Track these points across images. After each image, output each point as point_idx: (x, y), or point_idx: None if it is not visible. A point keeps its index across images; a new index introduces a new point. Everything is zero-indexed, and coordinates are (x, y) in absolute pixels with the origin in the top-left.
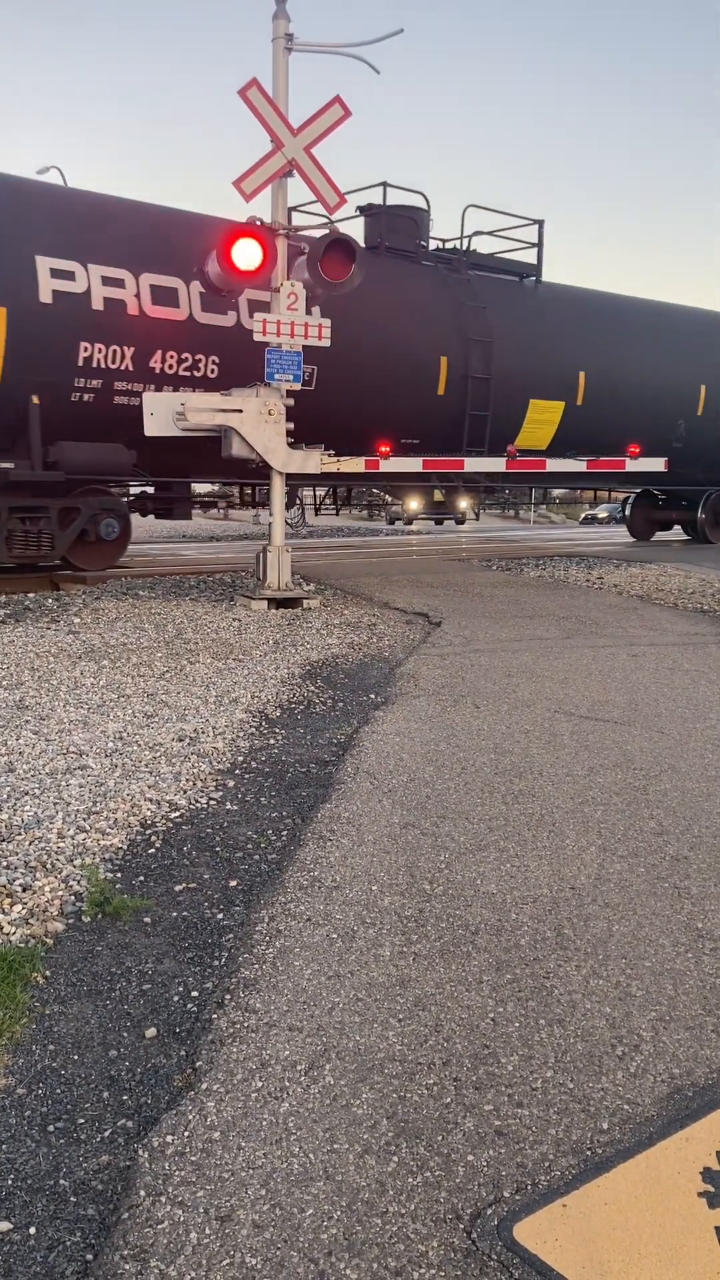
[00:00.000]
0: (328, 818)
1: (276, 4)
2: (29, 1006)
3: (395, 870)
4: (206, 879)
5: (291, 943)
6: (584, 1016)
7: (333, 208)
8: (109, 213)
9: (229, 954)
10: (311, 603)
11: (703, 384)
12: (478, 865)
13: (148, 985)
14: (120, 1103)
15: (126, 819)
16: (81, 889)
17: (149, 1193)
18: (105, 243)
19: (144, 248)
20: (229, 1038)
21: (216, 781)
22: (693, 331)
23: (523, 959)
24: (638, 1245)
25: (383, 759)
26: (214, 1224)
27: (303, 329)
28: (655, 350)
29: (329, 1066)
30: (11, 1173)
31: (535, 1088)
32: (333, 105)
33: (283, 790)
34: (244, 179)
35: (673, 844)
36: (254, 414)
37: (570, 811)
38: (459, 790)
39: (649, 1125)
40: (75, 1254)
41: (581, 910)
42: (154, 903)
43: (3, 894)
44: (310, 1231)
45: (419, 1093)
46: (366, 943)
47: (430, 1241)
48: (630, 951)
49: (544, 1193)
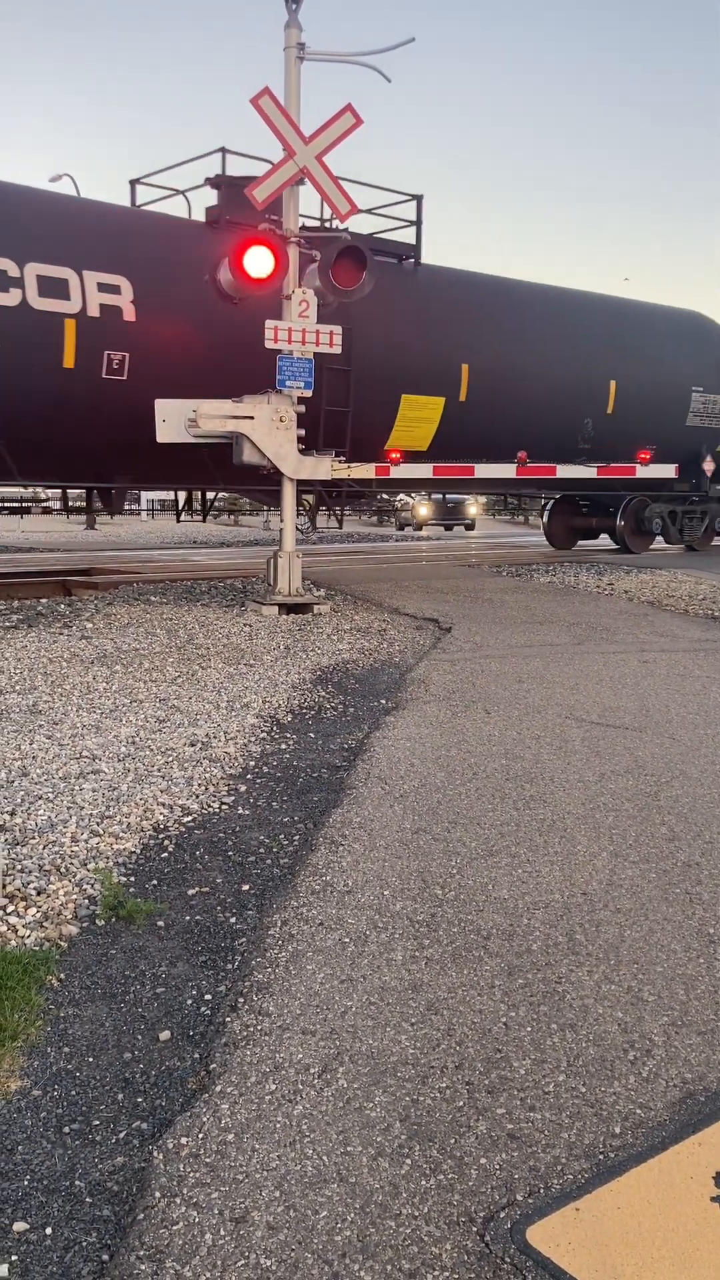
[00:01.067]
0: (339, 822)
1: (289, 14)
2: (44, 1009)
3: (407, 875)
4: (219, 883)
5: (304, 946)
6: (596, 1021)
7: (344, 215)
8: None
9: (242, 957)
10: (322, 608)
11: (613, 379)
12: (489, 870)
13: (161, 988)
14: (135, 1105)
15: (139, 823)
16: (95, 892)
17: (164, 1194)
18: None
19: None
20: (242, 1041)
21: (229, 786)
22: (603, 320)
23: (534, 964)
24: (650, 1249)
25: (394, 764)
26: (229, 1225)
27: (314, 336)
28: (557, 341)
29: (342, 1069)
30: (28, 1173)
31: (547, 1091)
32: (344, 113)
33: (294, 795)
34: (256, 187)
35: (684, 850)
36: (265, 421)
37: (581, 817)
38: (470, 795)
39: (661, 1130)
40: (91, 1254)
41: (593, 915)
42: (167, 906)
43: (17, 897)
44: (324, 1233)
45: (432, 1096)
46: (379, 947)
47: (444, 1244)
48: (642, 956)
49: (557, 1196)
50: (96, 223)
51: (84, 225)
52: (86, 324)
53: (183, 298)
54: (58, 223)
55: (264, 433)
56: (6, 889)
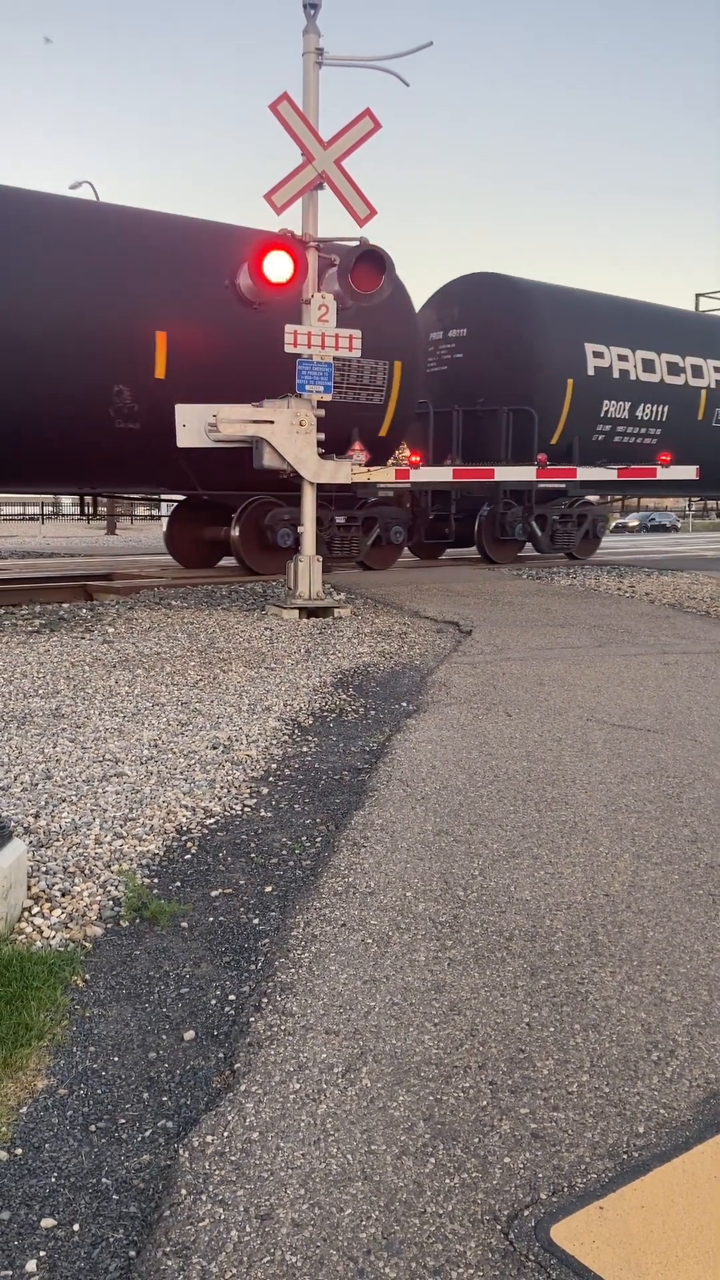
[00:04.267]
0: (361, 824)
1: (307, 19)
2: (69, 1009)
3: (429, 876)
4: (242, 884)
5: (327, 947)
6: (619, 1021)
7: (363, 220)
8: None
9: (265, 958)
10: (342, 612)
11: (162, 330)
12: (511, 872)
13: (185, 989)
14: (160, 1103)
15: (163, 825)
16: (119, 894)
17: (190, 1191)
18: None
19: None
20: (266, 1040)
21: (251, 788)
22: (156, 244)
23: (557, 964)
24: (675, 1248)
25: (415, 766)
26: (254, 1222)
27: (333, 340)
28: (69, 270)
29: (366, 1069)
30: (55, 1171)
31: (571, 1091)
32: (363, 118)
33: (316, 797)
34: (275, 191)
35: (707, 851)
36: (285, 425)
37: (603, 819)
38: (492, 797)
39: (685, 1129)
40: (118, 1250)
41: (616, 917)
42: (191, 907)
43: (42, 899)
44: (349, 1230)
45: (455, 1095)
46: (401, 948)
47: (468, 1242)
48: (665, 958)
49: (581, 1195)
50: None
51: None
52: None
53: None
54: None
55: (284, 437)
56: (32, 891)
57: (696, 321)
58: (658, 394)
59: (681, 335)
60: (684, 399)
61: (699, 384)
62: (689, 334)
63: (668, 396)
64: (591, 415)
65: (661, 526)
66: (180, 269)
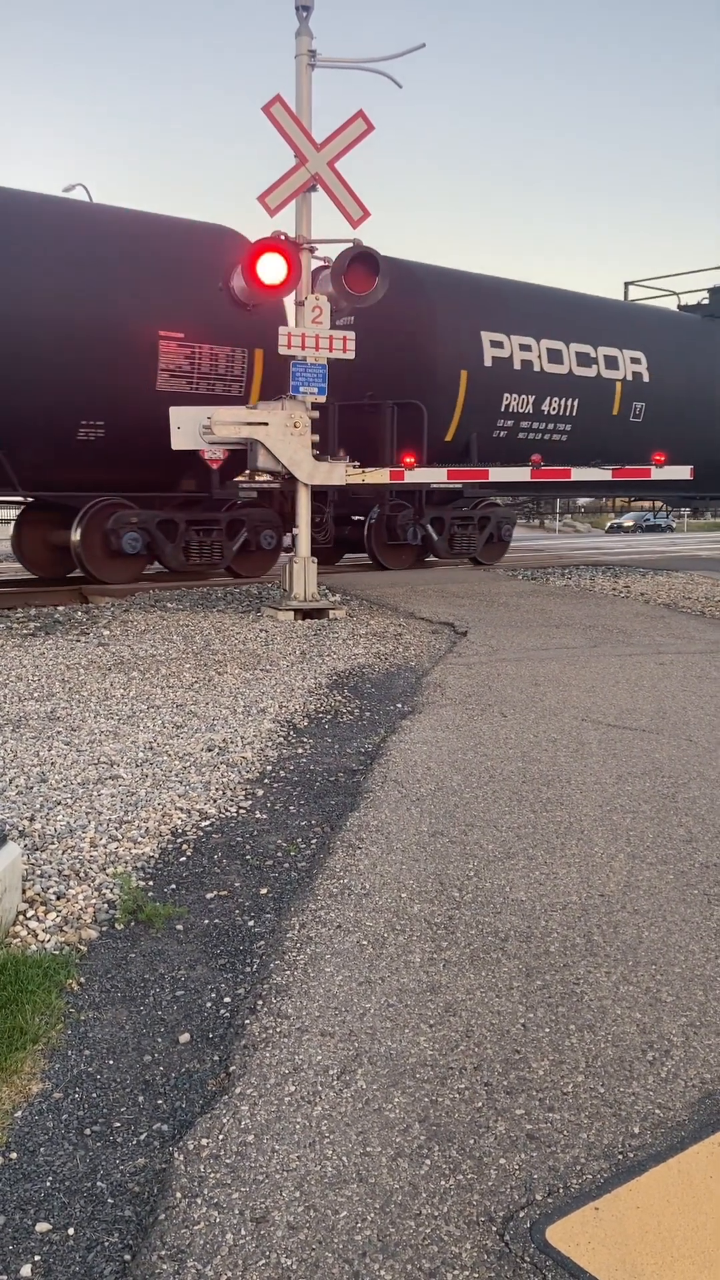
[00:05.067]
0: (356, 826)
1: (299, 21)
2: (64, 1012)
3: (424, 878)
4: (237, 886)
5: (322, 949)
6: (614, 1022)
7: (356, 221)
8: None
9: (261, 960)
10: (337, 613)
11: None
12: (506, 873)
13: (181, 991)
14: (155, 1107)
15: (158, 828)
16: (114, 897)
17: (185, 1195)
18: None
19: None
20: (262, 1043)
21: (246, 790)
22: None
23: (552, 965)
24: (671, 1248)
25: (410, 768)
26: (249, 1225)
27: (327, 342)
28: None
29: (361, 1071)
30: (50, 1175)
31: (566, 1092)
32: (356, 120)
33: (311, 799)
34: (268, 194)
35: (702, 851)
36: (279, 427)
37: (599, 819)
38: (487, 798)
39: (680, 1130)
40: (113, 1254)
41: (611, 917)
42: (186, 910)
43: (37, 902)
44: (345, 1233)
45: (450, 1097)
46: (397, 949)
47: (464, 1243)
48: (660, 958)
49: (576, 1196)
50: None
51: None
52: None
53: None
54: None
55: (278, 439)
56: (26, 894)
57: (611, 309)
58: (566, 387)
59: (593, 324)
60: (596, 392)
61: (613, 376)
62: (602, 322)
63: (577, 389)
64: (491, 410)
65: (656, 526)
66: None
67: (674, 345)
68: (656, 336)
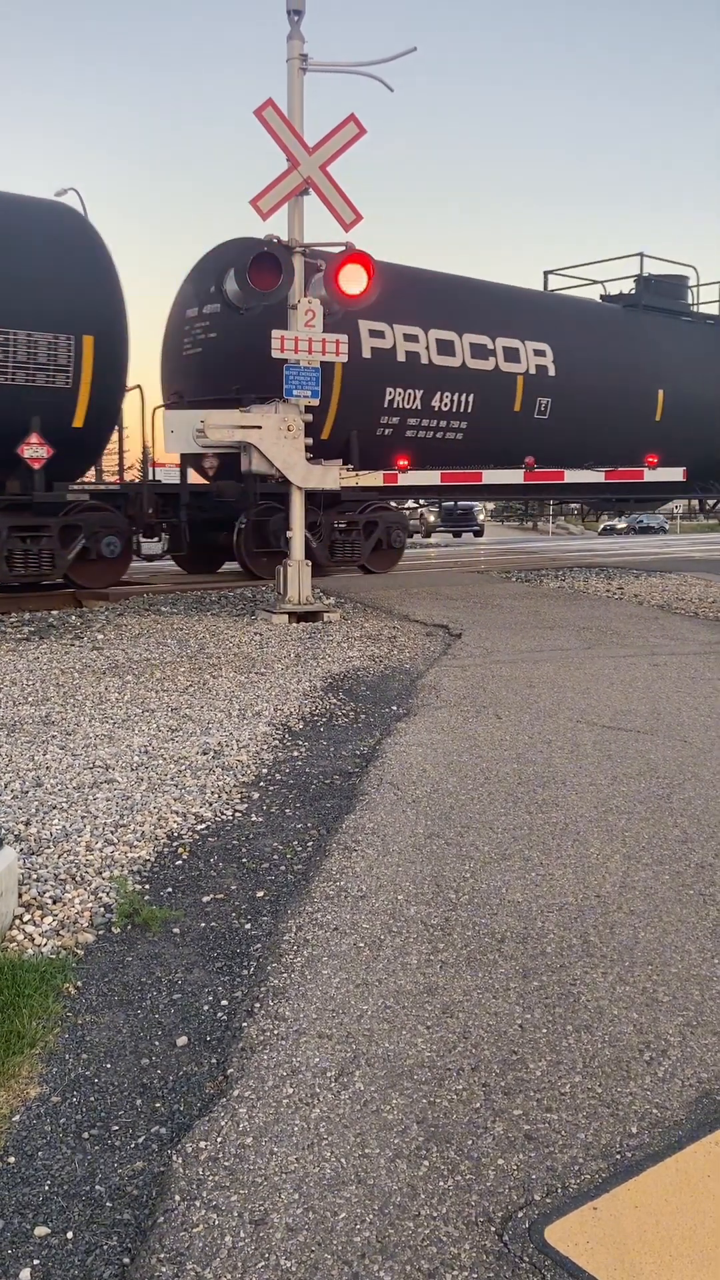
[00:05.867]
0: (352, 828)
1: (291, 26)
2: (61, 1016)
3: (421, 879)
4: (234, 890)
5: (319, 951)
6: (611, 1022)
7: (349, 224)
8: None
9: (257, 963)
10: (332, 616)
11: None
12: (503, 874)
13: (178, 995)
14: (153, 1110)
15: (153, 831)
16: (111, 900)
17: (184, 1197)
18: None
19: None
20: (259, 1045)
21: (241, 794)
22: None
23: (549, 966)
24: (669, 1247)
25: (406, 770)
26: (248, 1227)
27: (320, 345)
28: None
29: (359, 1073)
30: (48, 1179)
31: (564, 1092)
32: (347, 123)
33: (307, 802)
34: (261, 197)
35: (697, 851)
36: (273, 430)
37: (594, 820)
38: (482, 800)
39: (678, 1129)
40: (112, 1257)
41: (607, 917)
42: (182, 913)
43: (34, 906)
44: (344, 1234)
45: (448, 1098)
46: (393, 951)
47: (462, 1244)
48: (656, 958)
49: (574, 1196)
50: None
51: None
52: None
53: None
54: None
55: (272, 442)
56: (23, 898)
57: (513, 297)
58: (459, 381)
59: (491, 313)
60: (495, 387)
61: (514, 369)
62: (501, 312)
63: (473, 384)
64: (372, 405)
65: (650, 528)
66: None
67: (587, 338)
68: (566, 328)
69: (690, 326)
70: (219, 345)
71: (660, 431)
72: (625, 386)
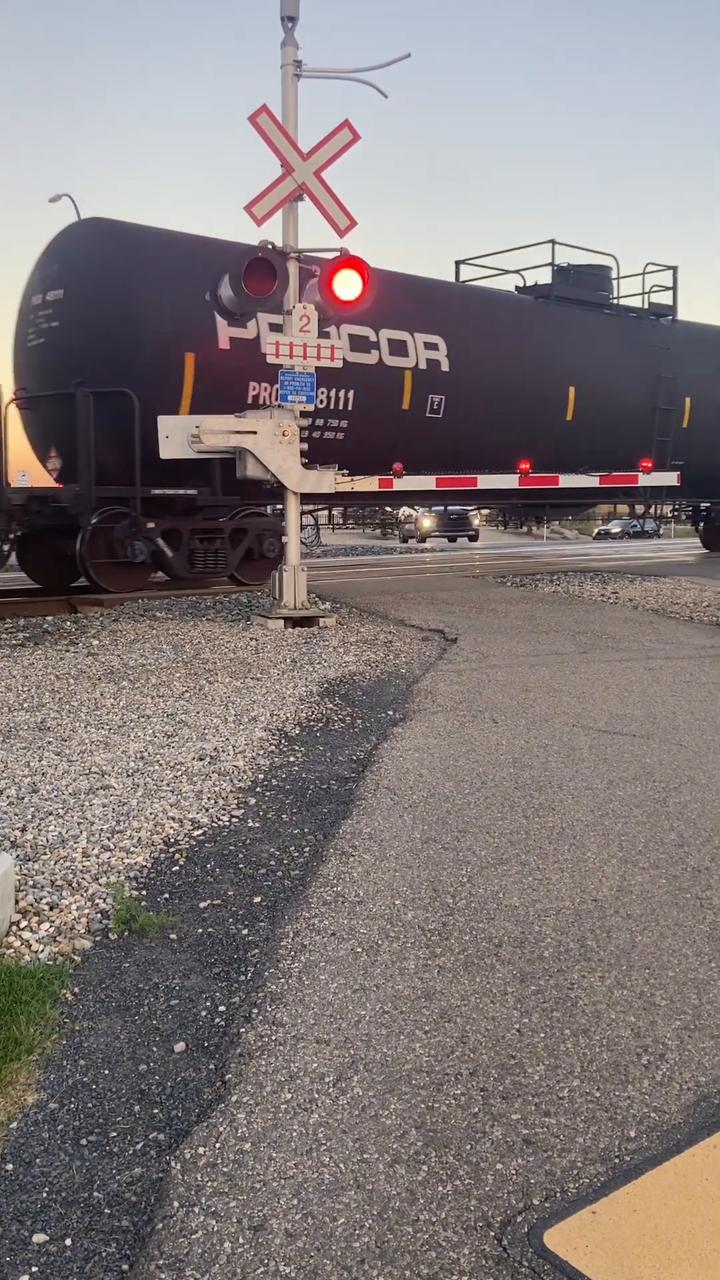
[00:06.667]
0: (349, 834)
1: (285, 32)
2: (58, 1023)
3: (418, 884)
4: (231, 895)
5: (316, 957)
6: (609, 1026)
7: (343, 230)
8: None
9: (255, 969)
10: (328, 621)
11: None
12: (500, 879)
13: (175, 1000)
14: (151, 1116)
15: (150, 837)
16: (107, 906)
17: (182, 1204)
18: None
19: None
20: (257, 1051)
21: (238, 799)
22: None
23: (546, 970)
24: (668, 1251)
25: (402, 775)
26: (247, 1234)
27: (315, 350)
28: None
29: (357, 1078)
30: (46, 1185)
31: (562, 1097)
32: (341, 129)
33: (304, 807)
34: (255, 203)
35: (694, 855)
36: (268, 435)
37: (590, 824)
38: (479, 805)
39: (676, 1133)
40: (111, 1264)
41: (604, 922)
42: (179, 919)
43: (30, 912)
44: (343, 1240)
45: (447, 1103)
46: (391, 956)
47: (462, 1249)
48: (654, 962)
49: (573, 1200)
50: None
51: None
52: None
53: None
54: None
55: (267, 447)
56: (19, 904)
57: (400, 285)
58: (336, 376)
59: (373, 303)
60: (378, 383)
61: (401, 364)
62: (387, 301)
63: (353, 379)
64: (233, 401)
65: (644, 533)
66: None
67: (489, 330)
68: (463, 320)
69: (609, 320)
70: (62, 336)
71: (570, 431)
72: (532, 383)
